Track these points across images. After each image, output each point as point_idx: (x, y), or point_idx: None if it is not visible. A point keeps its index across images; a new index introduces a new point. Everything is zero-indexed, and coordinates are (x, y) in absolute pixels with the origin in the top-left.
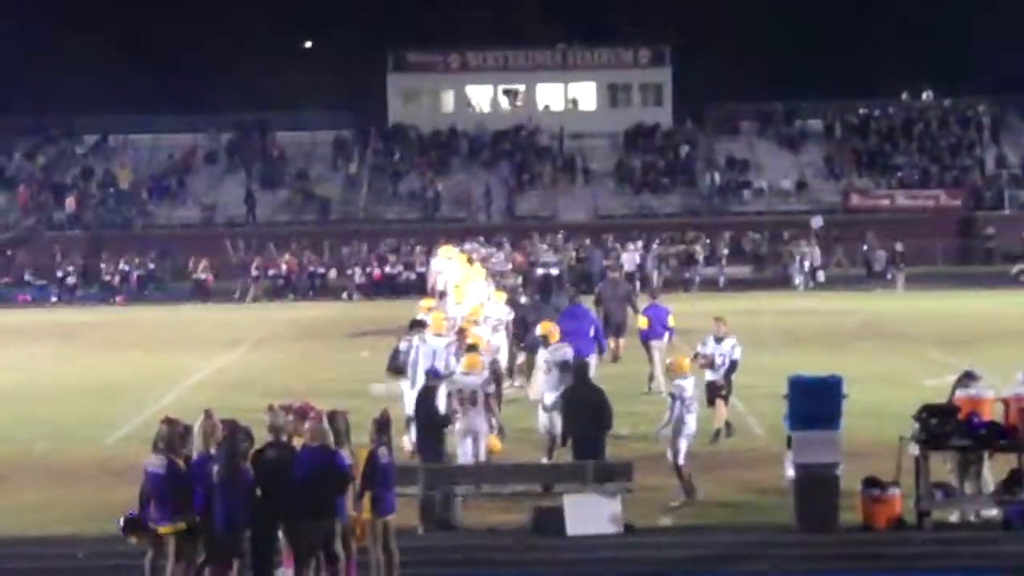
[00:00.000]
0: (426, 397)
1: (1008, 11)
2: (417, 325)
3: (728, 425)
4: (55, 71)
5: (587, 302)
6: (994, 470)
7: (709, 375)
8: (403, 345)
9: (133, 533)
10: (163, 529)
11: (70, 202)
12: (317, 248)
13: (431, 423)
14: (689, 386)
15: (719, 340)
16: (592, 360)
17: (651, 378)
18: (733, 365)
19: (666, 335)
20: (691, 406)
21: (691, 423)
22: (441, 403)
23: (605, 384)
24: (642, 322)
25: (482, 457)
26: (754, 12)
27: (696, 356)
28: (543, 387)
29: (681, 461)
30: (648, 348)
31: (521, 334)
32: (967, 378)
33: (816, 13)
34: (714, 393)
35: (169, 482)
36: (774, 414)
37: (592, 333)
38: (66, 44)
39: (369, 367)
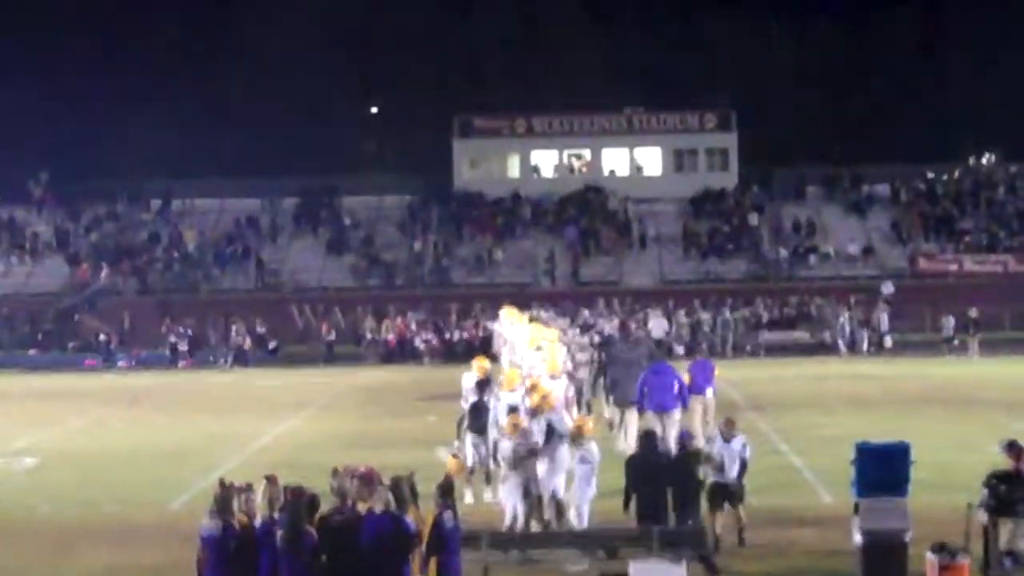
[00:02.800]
0: (686, 460)
1: None
2: (484, 384)
3: (740, 531)
4: (122, 136)
5: None
6: None
7: (713, 477)
8: (491, 403)
9: None
10: None
11: (105, 274)
12: (381, 313)
13: (690, 487)
14: (595, 449)
15: (727, 440)
16: (676, 414)
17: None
18: (744, 465)
19: (709, 390)
20: (596, 469)
21: (594, 486)
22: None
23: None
24: (686, 377)
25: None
26: (820, 77)
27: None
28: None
29: (585, 524)
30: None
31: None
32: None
33: (881, 78)
34: (722, 498)
35: (225, 545)
36: (841, 478)
37: (676, 388)
38: (134, 110)
39: (435, 432)
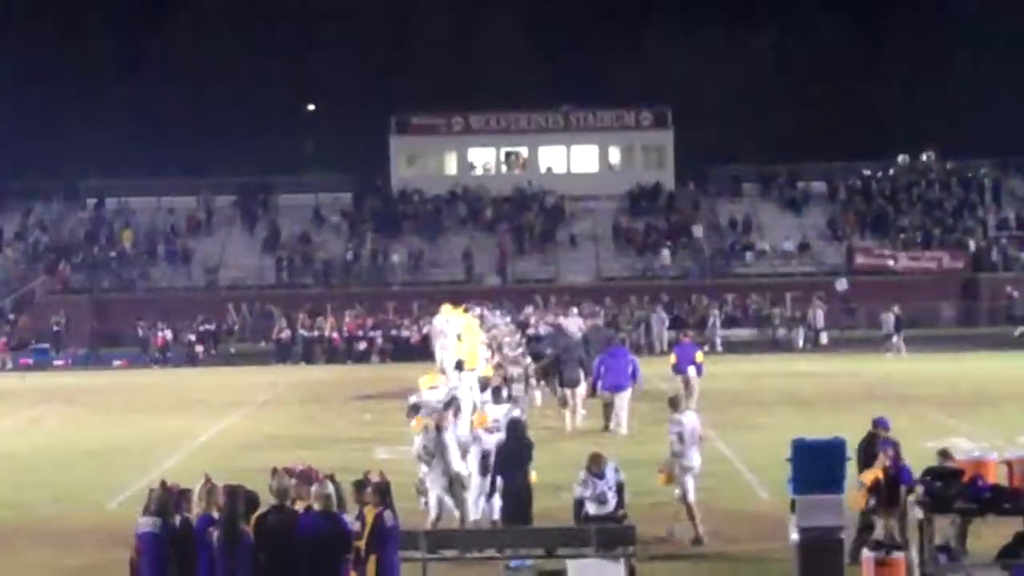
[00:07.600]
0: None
1: (1009, 73)
2: (461, 366)
3: None
4: (57, 135)
5: None
6: (999, 533)
7: (593, 509)
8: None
9: None
10: None
11: (62, 269)
12: (319, 311)
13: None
14: (492, 440)
15: (600, 476)
16: (627, 393)
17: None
18: (620, 488)
19: (692, 369)
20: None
21: (489, 478)
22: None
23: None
24: (672, 358)
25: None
26: (757, 74)
27: (580, 504)
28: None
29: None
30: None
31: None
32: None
33: (819, 75)
34: (613, 534)
35: (162, 543)
36: (779, 475)
37: (630, 370)
38: (69, 108)
39: (372, 430)
